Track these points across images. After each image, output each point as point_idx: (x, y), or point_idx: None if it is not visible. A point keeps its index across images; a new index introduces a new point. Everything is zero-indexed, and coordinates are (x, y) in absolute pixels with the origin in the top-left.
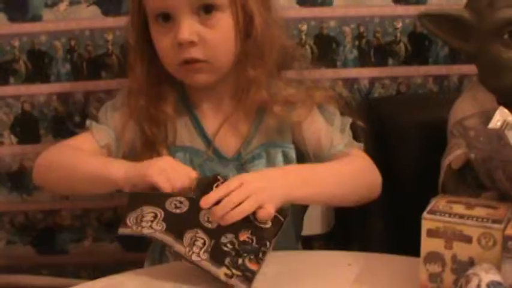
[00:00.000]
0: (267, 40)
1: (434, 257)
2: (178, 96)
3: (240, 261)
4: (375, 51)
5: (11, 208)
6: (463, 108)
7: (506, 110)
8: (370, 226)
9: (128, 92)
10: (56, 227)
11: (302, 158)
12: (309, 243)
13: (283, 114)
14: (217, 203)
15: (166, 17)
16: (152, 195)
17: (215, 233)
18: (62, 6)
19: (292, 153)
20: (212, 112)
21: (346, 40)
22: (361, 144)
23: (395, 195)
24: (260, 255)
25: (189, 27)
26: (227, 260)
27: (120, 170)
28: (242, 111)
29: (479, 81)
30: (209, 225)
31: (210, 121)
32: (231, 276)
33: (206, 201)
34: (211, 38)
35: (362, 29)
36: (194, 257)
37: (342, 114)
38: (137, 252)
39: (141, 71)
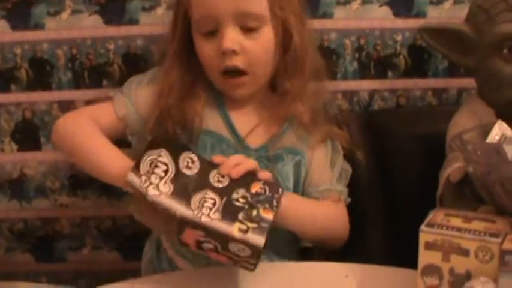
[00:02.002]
0: (303, 54)
1: (431, 270)
2: (213, 96)
3: (254, 212)
4: (375, 64)
5: (10, 215)
6: (462, 122)
7: (504, 124)
8: (368, 238)
9: (159, 92)
10: (54, 235)
11: None
12: (306, 254)
13: (311, 124)
14: None
15: (212, 31)
16: (173, 142)
17: (226, 190)
18: (65, 15)
19: (304, 163)
20: (244, 115)
21: (346, 52)
22: (348, 199)
23: (393, 207)
24: (274, 202)
25: (232, 37)
26: (240, 215)
27: (120, 176)
28: (274, 117)
29: (478, 95)
30: (219, 185)
31: (241, 122)
32: (246, 231)
33: (219, 158)
34: (253, 49)
35: (362, 41)
36: (204, 219)
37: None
38: (136, 261)
39: (176, 76)
